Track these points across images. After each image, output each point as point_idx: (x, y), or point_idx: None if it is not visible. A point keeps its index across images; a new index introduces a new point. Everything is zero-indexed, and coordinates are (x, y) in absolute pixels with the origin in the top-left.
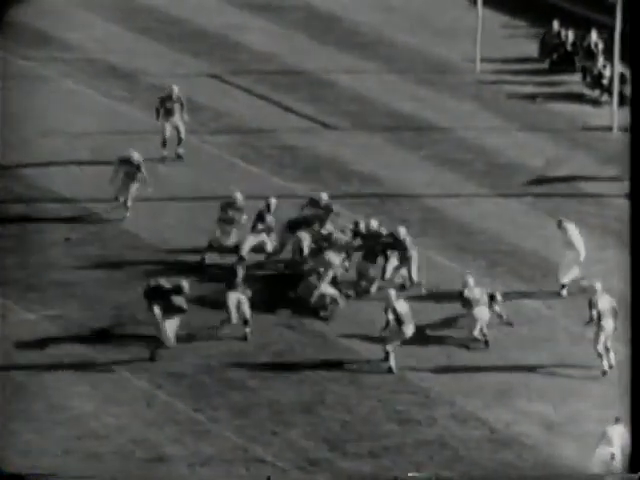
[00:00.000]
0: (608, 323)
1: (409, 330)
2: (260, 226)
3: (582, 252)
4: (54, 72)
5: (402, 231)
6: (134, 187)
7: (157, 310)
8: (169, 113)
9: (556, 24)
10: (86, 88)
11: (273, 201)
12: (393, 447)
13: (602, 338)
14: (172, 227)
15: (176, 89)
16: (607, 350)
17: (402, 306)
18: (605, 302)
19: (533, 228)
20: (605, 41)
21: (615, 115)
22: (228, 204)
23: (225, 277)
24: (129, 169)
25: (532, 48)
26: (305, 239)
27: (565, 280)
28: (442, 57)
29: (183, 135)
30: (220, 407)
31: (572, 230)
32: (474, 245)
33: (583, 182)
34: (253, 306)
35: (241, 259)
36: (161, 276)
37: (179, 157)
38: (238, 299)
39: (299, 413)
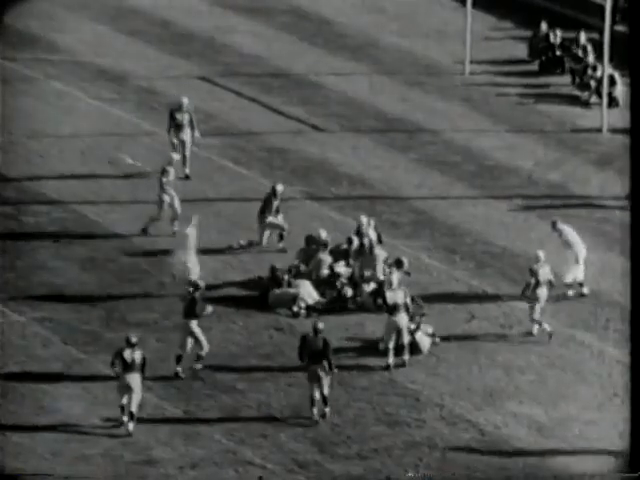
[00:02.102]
0: (543, 292)
1: (398, 320)
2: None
3: (582, 251)
4: (42, 74)
5: (363, 220)
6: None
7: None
8: (178, 128)
9: (544, 26)
10: (75, 90)
11: (280, 187)
12: (382, 449)
13: (538, 307)
14: (162, 229)
15: (186, 101)
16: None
17: (395, 295)
18: (545, 272)
19: (522, 230)
20: (594, 43)
21: (604, 116)
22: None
23: (186, 306)
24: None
25: (521, 50)
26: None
27: (569, 280)
28: (431, 59)
29: (188, 152)
30: (209, 409)
31: (567, 230)
32: (463, 247)
33: (572, 183)
34: (244, 307)
35: (197, 287)
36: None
37: (187, 178)
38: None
39: (288, 415)
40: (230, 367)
